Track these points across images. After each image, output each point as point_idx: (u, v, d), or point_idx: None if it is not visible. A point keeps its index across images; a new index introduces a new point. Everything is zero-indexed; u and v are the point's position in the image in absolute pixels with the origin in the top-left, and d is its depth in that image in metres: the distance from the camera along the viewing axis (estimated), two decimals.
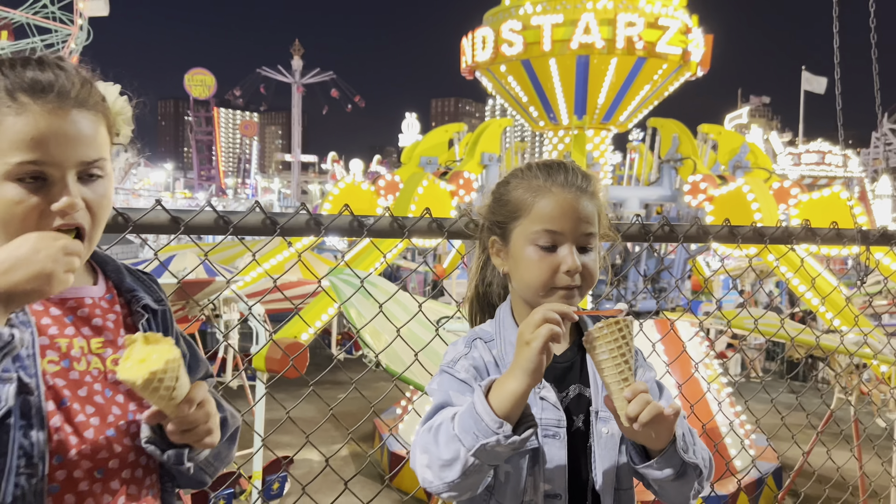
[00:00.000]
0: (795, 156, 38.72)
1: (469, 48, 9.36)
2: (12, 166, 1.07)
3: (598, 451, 1.48)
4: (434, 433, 1.34)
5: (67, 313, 1.19)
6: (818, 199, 7.76)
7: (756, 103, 70.56)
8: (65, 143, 1.09)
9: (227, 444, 1.34)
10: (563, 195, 1.46)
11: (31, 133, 1.07)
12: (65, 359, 1.16)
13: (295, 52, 63.05)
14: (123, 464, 1.19)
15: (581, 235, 1.46)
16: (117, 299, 1.28)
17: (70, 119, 1.10)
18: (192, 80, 66.47)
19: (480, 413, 1.26)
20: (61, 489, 1.12)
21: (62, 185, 1.10)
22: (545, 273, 1.45)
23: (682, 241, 2.30)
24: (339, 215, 1.94)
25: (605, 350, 1.30)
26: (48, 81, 1.10)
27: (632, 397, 1.29)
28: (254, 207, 1.86)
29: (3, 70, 1.11)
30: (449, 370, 1.49)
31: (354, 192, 9.08)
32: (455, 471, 1.29)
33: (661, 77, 8.89)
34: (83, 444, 1.14)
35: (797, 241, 2.48)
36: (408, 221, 2.03)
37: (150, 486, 1.25)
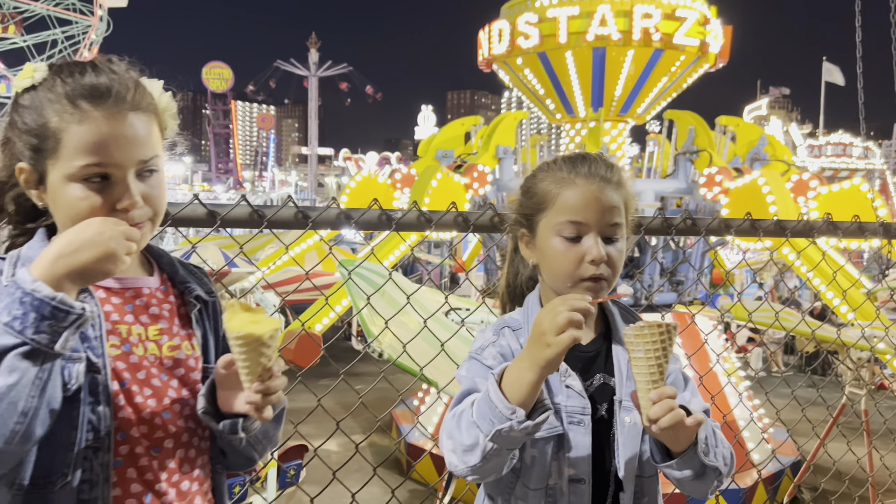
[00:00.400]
0: (816, 147, 38.26)
1: (486, 41, 9.34)
2: (77, 169, 1.16)
3: (620, 439, 1.50)
4: (457, 419, 1.39)
5: (127, 302, 1.28)
6: (838, 191, 7.66)
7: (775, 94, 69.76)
8: (124, 145, 1.18)
9: (274, 425, 1.40)
10: (586, 186, 1.48)
11: (93, 138, 1.16)
12: (125, 343, 1.25)
13: (311, 46, 63.11)
14: (177, 443, 1.28)
15: (606, 226, 1.48)
16: (171, 290, 1.37)
17: (127, 122, 1.18)
18: (209, 73, 66.84)
19: (494, 401, 1.30)
20: (124, 463, 1.21)
21: (123, 184, 1.19)
22: (570, 263, 1.47)
23: (705, 234, 2.31)
24: (369, 209, 2.00)
25: (642, 349, 1.31)
26: (106, 87, 1.18)
27: (657, 400, 1.31)
28: (287, 202, 1.93)
29: (62, 77, 1.19)
30: (477, 356, 1.53)
31: (371, 185, 9.11)
32: (476, 455, 1.33)
33: (678, 69, 8.82)
34: (142, 423, 1.23)
35: (819, 235, 2.47)
36: (434, 215, 2.07)
37: (201, 466, 1.33)
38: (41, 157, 1.19)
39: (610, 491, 1.51)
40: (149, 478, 1.23)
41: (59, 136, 1.16)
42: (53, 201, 1.21)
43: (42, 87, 1.19)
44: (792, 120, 56.61)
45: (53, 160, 1.18)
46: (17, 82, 1.22)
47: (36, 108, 1.18)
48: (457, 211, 2.09)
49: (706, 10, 8.64)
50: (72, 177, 1.17)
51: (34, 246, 1.25)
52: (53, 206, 1.22)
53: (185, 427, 1.29)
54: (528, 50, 8.77)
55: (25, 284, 1.03)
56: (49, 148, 1.17)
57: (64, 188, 1.18)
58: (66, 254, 1.07)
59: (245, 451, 1.38)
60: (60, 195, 1.19)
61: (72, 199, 1.17)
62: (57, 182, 1.19)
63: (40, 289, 1.03)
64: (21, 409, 1.03)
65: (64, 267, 1.06)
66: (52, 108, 1.17)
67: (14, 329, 1.02)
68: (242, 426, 1.28)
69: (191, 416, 1.31)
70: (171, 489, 1.26)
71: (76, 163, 1.16)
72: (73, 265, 1.07)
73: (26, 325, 1.02)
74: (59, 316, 1.04)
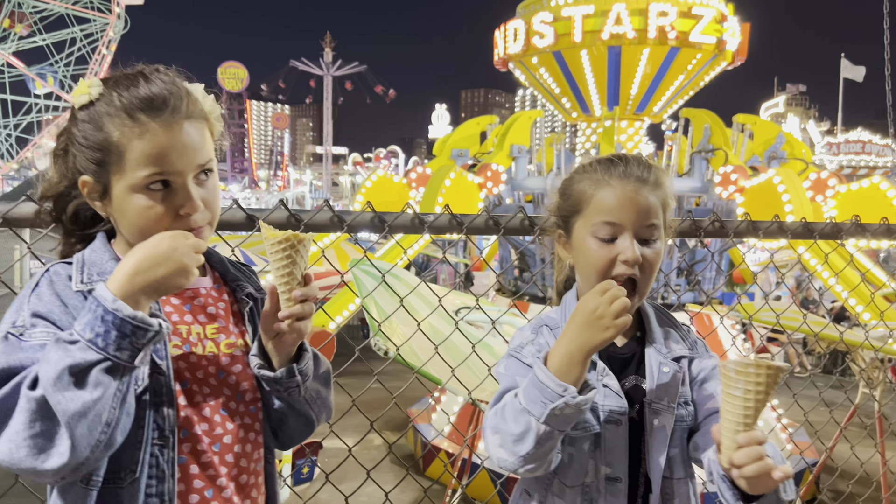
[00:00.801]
0: (834, 145, 37.91)
1: (501, 41, 9.35)
2: (141, 179, 1.22)
3: (649, 440, 1.51)
4: (501, 413, 1.40)
5: (186, 302, 1.34)
6: (857, 190, 7.58)
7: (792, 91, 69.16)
8: (182, 153, 1.23)
9: (324, 387, 1.46)
10: (621, 187, 1.48)
11: (154, 149, 1.21)
12: (185, 343, 1.30)
13: (326, 45, 63.31)
14: (235, 439, 1.32)
15: (642, 227, 1.47)
16: (224, 288, 1.42)
17: (184, 131, 1.24)
18: (225, 73, 67.21)
19: (545, 381, 1.32)
20: (187, 460, 1.27)
21: (184, 190, 1.24)
22: (603, 263, 1.47)
23: (733, 236, 2.32)
24: (402, 213, 2.04)
25: (742, 388, 1.22)
26: (161, 98, 1.23)
27: (745, 444, 1.23)
28: (323, 206, 1.99)
29: (118, 90, 1.23)
30: (516, 354, 1.55)
31: (386, 184, 9.13)
32: (528, 442, 1.34)
33: (695, 67, 8.78)
34: (203, 421, 1.29)
35: (847, 237, 2.46)
36: (466, 219, 2.10)
37: (256, 460, 1.38)
38: (105, 170, 1.24)
39: (640, 492, 1.52)
40: (210, 473, 1.28)
41: (122, 151, 1.21)
42: (119, 211, 1.26)
43: (100, 102, 1.23)
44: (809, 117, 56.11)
45: (118, 174, 1.23)
46: (75, 98, 1.26)
47: (96, 123, 1.23)
48: (488, 214, 2.13)
49: (723, 8, 8.59)
50: (135, 187, 1.22)
51: (97, 249, 1.30)
52: (119, 215, 1.26)
53: (241, 423, 1.34)
54: (543, 49, 8.76)
55: (107, 303, 1.08)
56: (113, 162, 1.22)
57: (129, 199, 1.23)
58: (142, 270, 1.12)
59: (303, 410, 1.41)
60: (126, 205, 1.24)
61: (137, 208, 1.23)
62: (121, 193, 1.23)
63: (122, 308, 1.08)
64: (105, 419, 1.08)
65: (141, 282, 1.11)
66: (113, 122, 1.21)
67: (97, 346, 1.07)
68: (298, 369, 1.33)
69: (246, 412, 1.36)
70: (230, 482, 1.30)
71: (139, 174, 1.21)
72: (149, 280, 1.12)
73: (108, 342, 1.07)
74: (138, 333, 1.09)
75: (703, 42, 8.35)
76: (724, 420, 1.26)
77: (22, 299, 1.21)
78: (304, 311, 1.27)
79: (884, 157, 36.13)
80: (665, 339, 1.59)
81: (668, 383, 1.53)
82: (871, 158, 36.59)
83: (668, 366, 1.54)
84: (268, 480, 1.43)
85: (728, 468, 1.25)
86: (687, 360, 1.58)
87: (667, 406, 1.52)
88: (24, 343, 1.13)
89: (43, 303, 1.19)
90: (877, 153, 36.53)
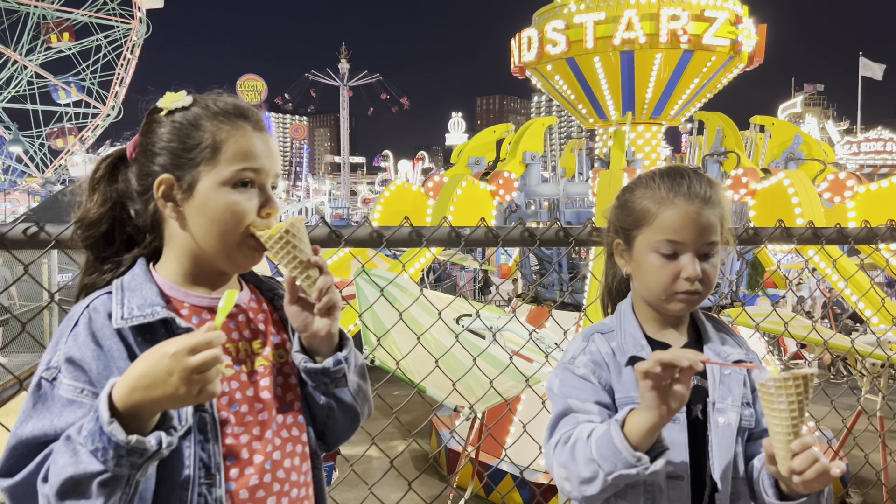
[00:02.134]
0: (854, 144, 37.50)
1: (517, 49, 9.42)
2: (234, 172, 1.28)
3: (714, 440, 1.54)
4: (571, 451, 1.44)
5: (230, 320, 1.34)
6: (876, 190, 7.51)
7: (810, 91, 68.44)
8: (269, 156, 1.33)
9: (363, 380, 1.48)
10: (685, 207, 1.52)
11: (249, 147, 1.30)
12: (236, 363, 1.32)
13: (342, 56, 63.75)
14: (284, 454, 1.34)
15: (703, 245, 1.52)
16: (262, 298, 1.44)
17: (267, 139, 1.35)
18: (243, 85, 67.86)
19: (619, 447, 1.35)
20: (236, 487, 1.26)
21: (265, 192, 1.32)
22: (666, 279, 1.53)
23: (766, 242, 2.33)
24: (440, 227, 2.08)
25: (785, 401, 1.30)
26: (250, 110, 1.35)
27: (799, 450, 1.30)
28: (363, 223, 2.05)
29: (211, 99, 1.33)
30: (569, 366, 1.58)
31: (405, 193, 9.20)
32: (594, 487, 1.40)
33: (710, 69, 8.75)
34: (253, 440, 1.29)
35: (882, 241, 2.46)
36: (502, 231, 2.15)
37: (306, 472, 1.39)
38: (195, 164, 1.28)
39: (706, 491, 1.54)
40: (260, 496, 1.28)
41: (219, 146, 1.28)
42: (200, 208, 1.28)
43: (194, 106, 1.31)
44: (828, 117, 55.49)
45: (209, 167, 1.28)
46: (166, 104, 1.31)
47: (192, 123, 1.30)
48: (523, 227, 2.18)
49: (738, 9, 8.56)
50: (226, 181, 1.28)
51: (137, 275, 1.30)
52: (198, 213, 1.28)
53: (290, 437, 1.35)
54: (556, 56, 8.81)
55: (104, 422, 1.06)
56: (206, 156, 1.28)
57: (216, 193, 1.27)
58: (139, 387, 1.08)
59: (349, 403, 1.42)
60: (212, 200, 1.27)
61: (225, 203, 1.27)
62: (209, 188, 1.28)
63: (116, 433, 1.05)
64: None
65: (139, 399, 1.08)
66: (212, 121, 1.29)
67: (97, 458, 1.06)
68: (343, 356, 1.35)
69: (294, 423, 1.37)
70: (283, 499, 1.31)
71: (233, 167, 1.28)
72: (145, 400, 1.08)
73: (107, 458, 1.06)
74: (135, 455, 1.07)
75: (716, 45, 8.34)
76: (774, 434, 1.32)
77: (59, 337, 1.22)
78: (324, 287, 1.30)
79: None
80: (722, 344, 1.63)
81: (731, 384, 1.57)
82: (892, 157, 36.12)
83: (729, 368, 1.58)
84: (316, 487, 1.43)
85: (789, 476, 1.31)
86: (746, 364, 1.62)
87: (731, 405, 1.55)
88: (55, 392, 1.16)
89: (78, 346, 1.19)
90: None
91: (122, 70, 41.96)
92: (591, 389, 1.53)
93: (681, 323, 1.63)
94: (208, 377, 1.08)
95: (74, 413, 1.15)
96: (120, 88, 42.86)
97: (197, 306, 1.31)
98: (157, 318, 1.23)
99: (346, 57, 64.66)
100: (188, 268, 1.32)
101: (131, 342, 1.22)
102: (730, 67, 8.94)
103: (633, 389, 1.49)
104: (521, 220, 2.25)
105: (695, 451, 1.53)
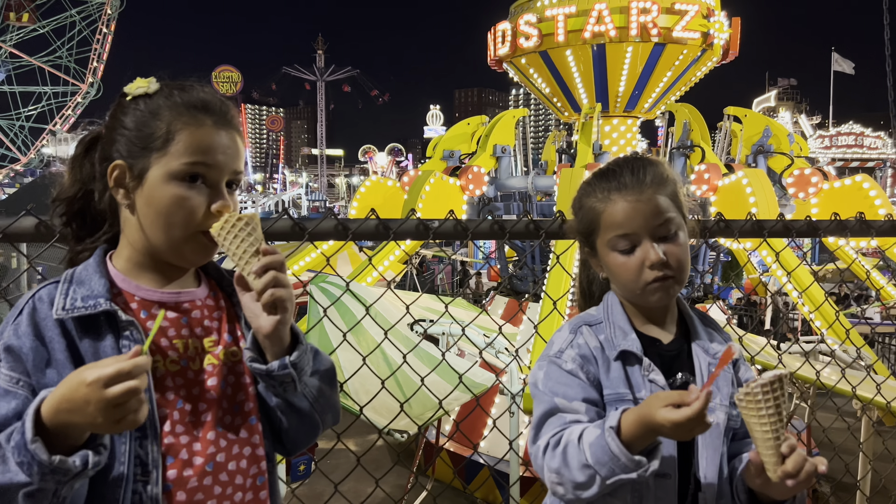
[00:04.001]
0: (827, 138, 38.02)
1: (492, 42, 9.43)
2: (183, 165, 1.25)
3: (701, 439, 1.51)
4: (563, 457, 1.40)
5: (182, 315, 1.31)
6: (840, 188, 7.62)
7: (784, 85, 69.26)
8: (226, 153, 1.29)
9: (328, 386, 1.41)
10: (622, 199, 1.50)
11: (203, 141, 1.27)
12: (183, 359, 1.28)
13: (318, 47, 63.30)
14: (229, 456, 1.29)
15: (655, 227, 1.49)
16: (220, 295, 1.40)
17: (229, 135, 1.31)
18: (218, 76, 67.11)
19: (616, 454, 1.32)
20: (173, 488, 1.22)
21: (218, 190, 1.28)
22: (633, 274, 1.50)
23: (738, 235, 2.31)
24: (407, 219, 2.03)
25: (773, 405, 1.28)
26: (215, 104, 1.30)
27: (788, 453, 1.29)
28: (328, 214, 1.98)
29: (177, 90, 1.30)
30: (556, 360, 1.53)
31: (380, 189, 9.18)
32: (591, 491, 1.37)
33: (682, 62, 8.79)
34: (195, 441, 1.25)
35: (851, 236, 2.47)
36: (471, 224, 2.11)
37: (255, 475, 1.33)
38: (147, 152, 1.26)
39: (690, 490, 1.51)
40: (199, 498, 1.24)
41: (172, 135, 1.25)
42: (148, 198, 1.26)
43: (158, 94, 1.28)
44: (801, 111, 56.20)
45: (160, 156, 1.25)
46: (132, 89, 1.30)
47: (152, 111, 1.27)
48: (529, 219, 2.15)
49: (710, 1, 8.58)
50: (175, 174, 1.24)
51: (89, 266, 1.28)
52: (145, 203, 1.26)
53: (237, 439, 1.31)
54: (529, 50, 8.83)
55: (27, 440, 1.04)
56: (158, 145, 1.25)
57: (163, 186, 1.24)
58: (62, 410, 1.06)
59: (304, 409, 1.37)
60: (158, 191, 1.25)
61: (170, 195, 1.24)
62: (158, 178, 1.25)
63: (38, 452, 1.04)
64: None
65: (63, 420, 1.06)
66: (171, 112, 1.26)
67: (24, 471, 1.05)
68: (291, 361, 1.28)
69: (244, 424, 1.32)
70: (224, 502, 1.27)
71: (183, 160, 1.25)
72: (69, 422, 1.06)
73: (32, 473, 1.04)
74: (59, 472, 1.05)
75: (688, 38, 8.39)
76: (762, 441, 1.30)
77: (5, 324, 1.21)
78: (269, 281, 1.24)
79: (876, 150, 36.22)
80: (709, 340, 1.59)
81: (720, 383, 1.53)
82: (863, 151, 36.70)
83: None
84: (271, 491, 1.38)
85: (780, 480, 1.30)
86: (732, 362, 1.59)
87: (719, 405, 1.52)
88: None
89: (18, 335, 1.17)
90: (869, 146, 36.62)
91: (99, 45, 41.12)
92: (580, 386, 1.49)
93: (668, 317, 1.60)
94: (128, 408, 1.04)
95: (9, 403, 1.13)
96: (98, 64, 41.93)
97: (147, 300, 1.28)
98: (98, 311, 1.20)
99: (324, 48, 64.19)
100: (139, 258, 1.30)
101: (73, 334, 1.20)
102: (703, 61, 8.99)
103: (622, 385, 1.47)
104: (491, 213, 2.24)
105: (682, 450, 1.50)
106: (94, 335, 1.20)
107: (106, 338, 1.20)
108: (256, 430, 1.33)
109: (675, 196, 1.53)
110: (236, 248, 1.25)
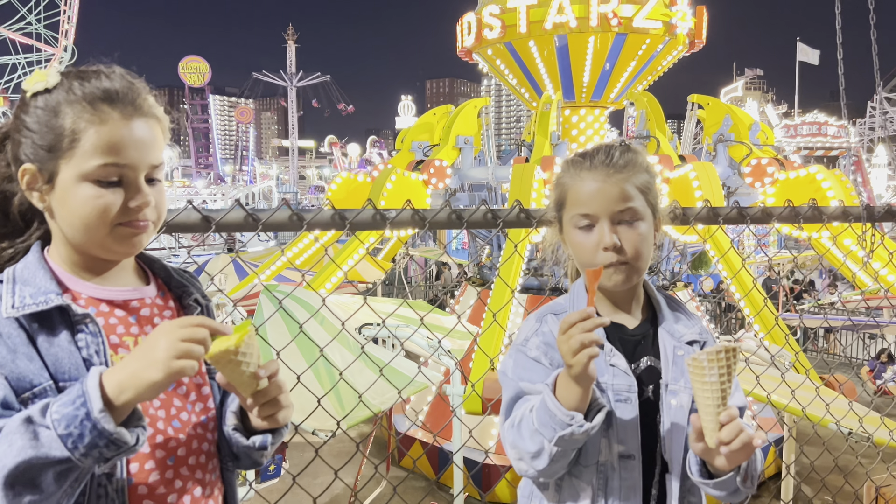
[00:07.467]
0: (792, 127, 38.61)
1: (460, 33, 9.42)
2: (94, 168, 1.18)
3: (665, 420, 1.55)
4: (518, 429, 1.48)
5: (131, 313, 1.29)
6: (794, 178, 7.75)
7: (751, 76, 70.14)
8: (139, 147, 1.21)
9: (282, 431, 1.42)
10: (590, 177, 1.54)
11: (112, 139, 1.19)
12: None
13: (289, 38, 62.65)
14: (189, 450, 1.30)
15: (616, 212, 1.52)
16: (169, 296, 1.38)
17: (141, 126, 1.22)
18: (186, 67, 65.99)
19: (553, 410, 1.39)
20: (136, 480, 1.23)
21: (135, 186, 1.21)
22: (587, 252, 1.55)
23: (695, 222, 2.35)
24: (363, 210, 2.02)
25: (716, 374, 1.33)
26: (122, 93, 1.21)
27: (727, 422, 1.34)
28: (281, 205, 1.95)
29: (78, 81, 1.21)
30: (522, 348, 1.59)
31: (351, 184, 9.15)
32: (543, 460, 1.44)
33: (646, 52, 8.82)
34: (156, 434, 1.26)
35: (805, 221, 2.54)
36: (428, 214, 2.11)
37: (212, 470, 1.35)
38: (54, 155, 1.19)
39: (657, 470, 1.56)
40: (161, 492, 1.25)
41: (77, 136, 1.18)
42: (62, 201, 1.21)
43: (58, 89, 1.20)
44: (767, 101, 56.97)
45: (68, 158, 1.18)
46: (29, 85, 1.22)
47: (52, 109, 1.20)
48: (521, 208, 2.15)
49: None
50: (86, 176, 1.18)
51: (30, 264, 1.25)
52: (60, 205, 1.21)
53: (194, 434, 1.31)
54: (493, 41, 8.84)
55: (93, 409, 1.03)
56: (64, 147, 1.18)
57: (75, 188, 1.19)
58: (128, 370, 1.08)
59: (255, 457, 1.38)
60: (71, 194, 1.19)
61: (84, 198, 1.18)
62: (68, 181, 1.19)
63: (105, 422, 1.03)
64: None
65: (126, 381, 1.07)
66: (72, 108, 1.18)
67: (66, 444, 1.03)
68: (271, 441, 1.32)
69: (198, 423, 1.32)
70: (184, 496, 1.28)
71: (93, 162, 1.18)
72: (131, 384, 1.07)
73: (78, 446, 1.03)
74: (111, 447, 1.05)
75: (649, 27, 8.41)
76: (703, 407, 1.36)
77: None
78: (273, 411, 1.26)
79: (839, 139, 36.87)
80: (675, 323, 1.63)
81: (684, 366, 1.54)
82: (827, 140, 37.34)
83: (683, 349, 1.59)
84: (227, 487, 1.40)
85: (716, 447, 1.35)
86: (699, 344, 1.62)
87: (684, 387, 1.55)
88: None
89: None
90: (833, 134, 37.27)
91: (68, 7, 39.92)
92: (543, 371, 1.53)
93: (634, 302, 1.63)
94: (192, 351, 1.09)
95: None
96: (69, 27, 40.61)
97: (95, 298, 1.26)
98: (50, 306, 1.18)
99: (293, 38, 63.56)
100: (71, 255, 1.27)
101: (28, 329, 1.18)
102: (668, 50, 9.02)
103: None
104: (448, 203, 2.24)
105: (646, 432, 1.53)
106: (48, 331, 1.18)
107: (60, 333, 1.18)
108: (209, 429, 1.35)
109: (647, 187, 1.57)
110: (232, 375, 1.21)
